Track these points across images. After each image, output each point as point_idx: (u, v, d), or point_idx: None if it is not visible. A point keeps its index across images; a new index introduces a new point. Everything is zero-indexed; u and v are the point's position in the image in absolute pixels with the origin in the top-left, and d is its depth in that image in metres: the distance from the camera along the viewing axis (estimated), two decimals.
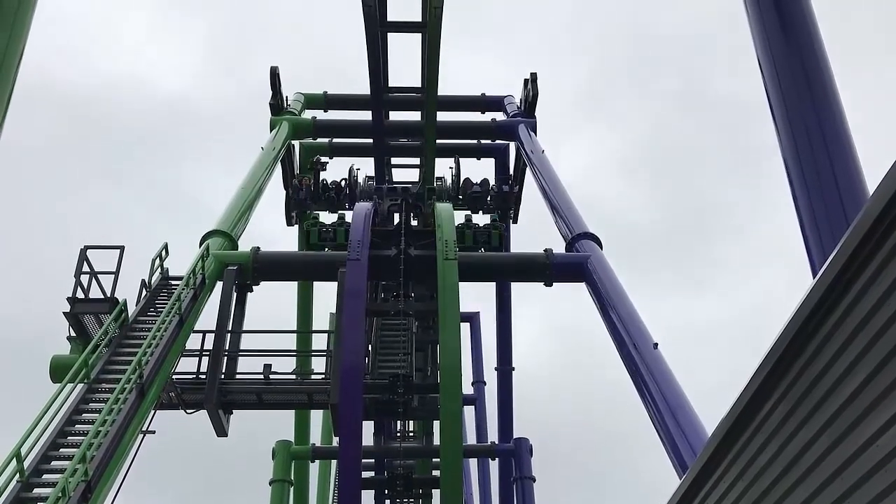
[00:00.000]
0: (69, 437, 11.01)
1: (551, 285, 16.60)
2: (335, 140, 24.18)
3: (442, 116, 22.95)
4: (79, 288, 14.29)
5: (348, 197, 21.76)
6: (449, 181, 22.62)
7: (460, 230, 16.51)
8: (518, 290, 25.54)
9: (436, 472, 20.10)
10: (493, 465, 26.22)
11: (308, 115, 24.47)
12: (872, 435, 5.01)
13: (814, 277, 5.92)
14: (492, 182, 21.80)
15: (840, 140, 8.02)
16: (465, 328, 31.02)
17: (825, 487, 5.55)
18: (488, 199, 19.69)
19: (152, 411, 12.90)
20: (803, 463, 5.85)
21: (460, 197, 19.40)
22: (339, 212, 20.56)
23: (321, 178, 22.07)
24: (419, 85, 21.80)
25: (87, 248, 14.63)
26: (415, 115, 23.45)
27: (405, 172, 24.78)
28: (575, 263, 16.59)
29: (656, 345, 13.52)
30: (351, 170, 22.41)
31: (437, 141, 22.54)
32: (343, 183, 22.06)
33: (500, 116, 24.71)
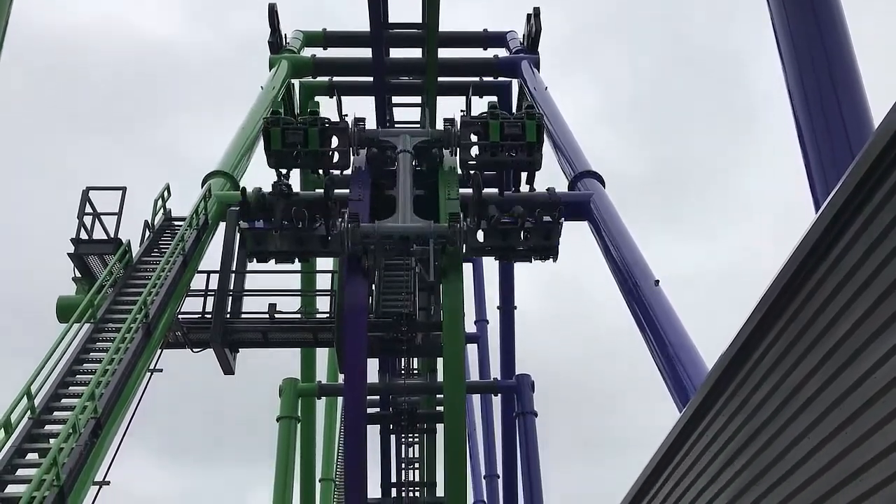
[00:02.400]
0: (78, 376, 11.17)
1: None
2: (335, 78, 23.89)
3: (443, 54, 22.62)
4: (82, 229, 14.32)
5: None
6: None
7: (485, 123, 12.27)
8: None
9: (439, 409, 20.43)
10: (496, 401, 26.65)
11: (308, 53, 24.14)
12: (870, 367, 5.07)
13: (816, 212, 5.91)
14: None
15: (847, 73, 7.91)
16: (467, 268, 31.15)
17: (823, 418, 5.64)
18: (522, 234, 11.89)
19: (159, 350, 13.06)
20: (802, 395, 5.93)
21: (481, 229, 12.14)
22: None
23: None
24: (420, 21, 21.45)
25: (89, 189, 14.62)
26: (416, 53, 23.13)
27: (407, 112, 24.56)
28: (578, 202, 16.55)
29: (657, 282, 13.59)
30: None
31: (439, 79, 22.25)
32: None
33: (502, 53, 24.36)
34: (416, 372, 24.14)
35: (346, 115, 13.87)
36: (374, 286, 15.68)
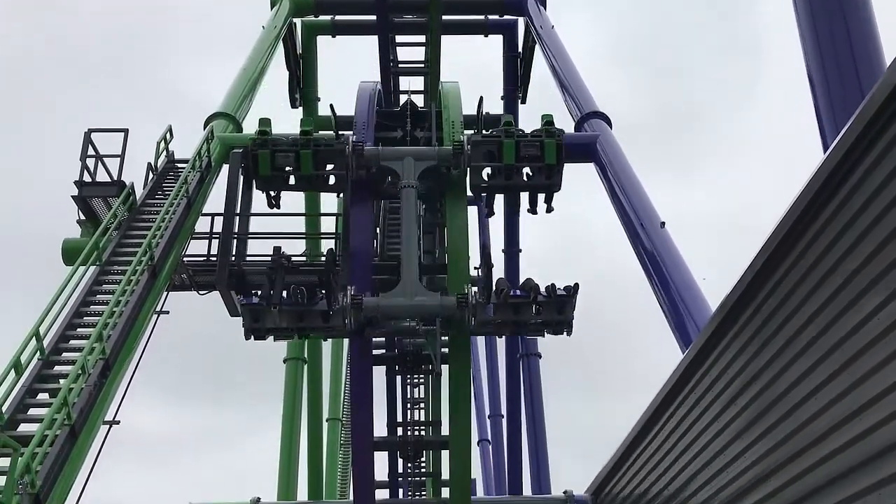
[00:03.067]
0: (85, 318, 11.24)
1: None
2: (337, 17, 23.51)
3: None
4: (85, 171, 14.26)
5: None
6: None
7: (499, 142, 10.81)
8: None
9: (444, 350, 20.60)
10: (500, 343, 26.88)
11: None
12: (874, 308, 5.07)
13: (824, 152, 5.83)
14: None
15: (859, 11, 7.73)
16: (472, 211, 31.04)
17: (826, 358, 5.66)
18: (534, 309, 10.43)
19: (165, 292, 13.12)
20: (805, 336, 5.95)
21: (492, 303, 10.59)
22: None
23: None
24: None
25: (90, 131, 14.50)
26: None
27: (411, 51, 24.17)
28: (584, 144, 16.39)
29: (663, 224, 13.54)
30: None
31: (444, 17, 21.86)
32: None
33: None
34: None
35: (342, 135, 12.18)
36: (378, 229, 15.65)
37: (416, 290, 10.20)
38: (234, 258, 15.48)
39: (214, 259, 15.38)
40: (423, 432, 20.70)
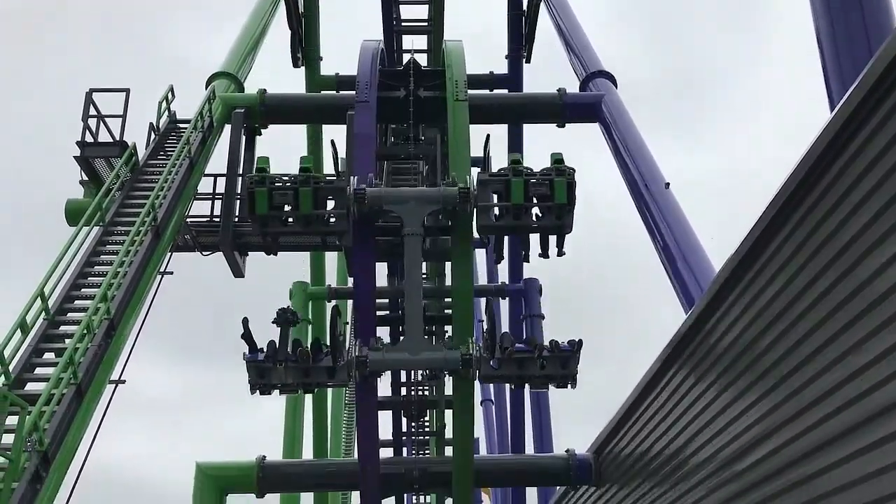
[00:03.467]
0: (89, 279, 11.28)
1: (563, 126, 16.32)
2: None
3: None
4: (87, 132, 14.20)
5: None
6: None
7: (507, 181, 10.50)
8: (530, 135, 25.21)
9: (448, 312, 20.68)
10: (504, 304, 26.94)
11: None
12: (879, 267, 5.06)
13: (831, 111, 5.78)
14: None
15: None
16: (475, 172, 30.88)
17: (828, 320, 5.67)
18: (539, 362, 10.47)
19: (168, 253, 13.14)
20: (809, 296, 5.95)
21: (496, 356, 10.65)
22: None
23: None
24: None
25: (92, 91, 14.41)
26: None
27: (414, 9, 23.87)
28: (589, 103, 16.25)
29: (668, 184, 13.47)
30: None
31: None
32: None
33: None
34: (424, 276, 24.29)
35: (343, 173, 11.55)
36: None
37: (421, 345, 10.17)
38: (237, 219, 15.50)
39: (217, 220, 15.40)
40: (426, 392, 20.89)
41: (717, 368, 7.78)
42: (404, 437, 23.02)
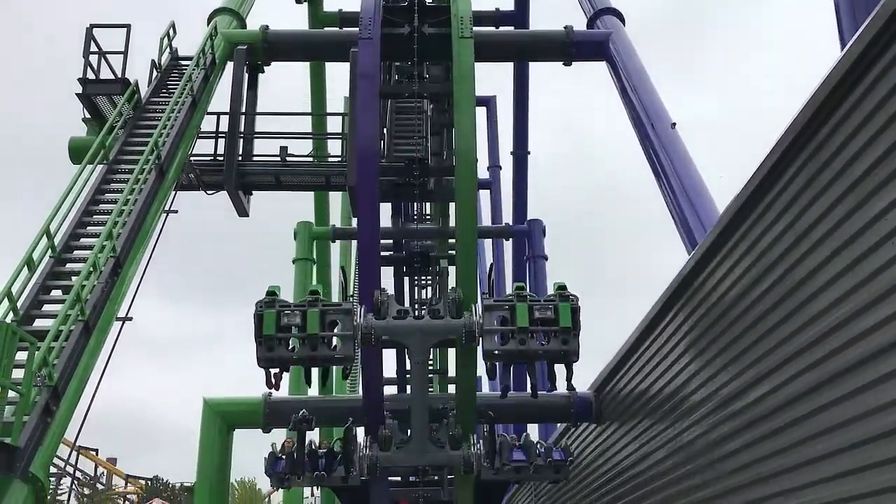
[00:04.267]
0: (94, 217, 11.31)
1: (570, 65, 16.10)
2: None
3: None
4: (89, 69, 14.06)
5: None
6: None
7: (511, 307, 10.60)
8: (536, 75, 24.89)
9: (452, 252, 20.75)
10: (507, 245, 27.01)
11: None
12: (881, 210, 5.05)
13: (842, 50, 5.69)
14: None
15: None
16: (481, 112, 30.62)
17: (831, 259, 5.68)
18: (533, 469, 11.30)
19: (173, 192, 13.15)
20: (813, 235, 5.95)
21: (487, 463, 11.35)
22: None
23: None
24: None
25: (92, 26, 14.22)
26: None
27: None
28: (596, 42, 16.02)
29: (674, 124, 13.36)
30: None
31: None
32: None
33: None
34: (428, 217, 24.31)
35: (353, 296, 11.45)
36: (385, 130, 15.49)
37: (426, 447, 10.99)
38: (240, 157, 15.45)
39: (221, 158, 15.35)
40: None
41: (719, 308, 7.83)
42: (408, 375, 23.34)
